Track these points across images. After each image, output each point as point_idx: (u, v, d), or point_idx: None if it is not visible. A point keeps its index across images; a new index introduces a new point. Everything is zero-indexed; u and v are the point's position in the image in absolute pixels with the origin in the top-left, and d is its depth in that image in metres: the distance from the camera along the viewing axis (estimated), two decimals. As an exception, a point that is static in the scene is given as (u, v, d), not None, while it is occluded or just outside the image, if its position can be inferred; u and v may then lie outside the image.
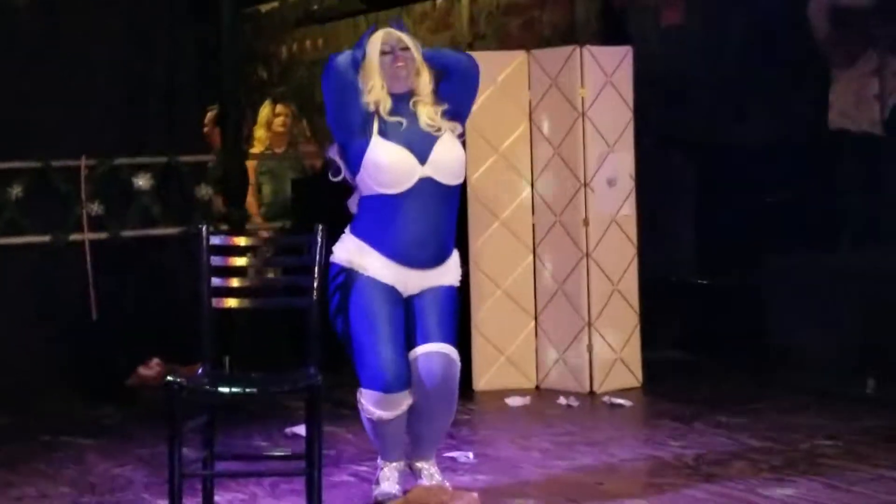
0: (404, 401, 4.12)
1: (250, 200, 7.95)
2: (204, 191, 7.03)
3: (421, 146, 4.16)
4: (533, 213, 6.46)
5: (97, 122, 6.83)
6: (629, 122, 6.41)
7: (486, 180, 6.46)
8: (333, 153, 4.29)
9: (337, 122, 4.23)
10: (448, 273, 4.29)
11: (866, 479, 4.42)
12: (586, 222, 6.26)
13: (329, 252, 4.23)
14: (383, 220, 4.16)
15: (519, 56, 6.55)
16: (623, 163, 6.38)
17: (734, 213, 6.93)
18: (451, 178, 4.22)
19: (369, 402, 4.13)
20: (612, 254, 6.32)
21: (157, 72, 7.04)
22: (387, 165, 4.12)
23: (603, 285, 6.30)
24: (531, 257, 6.47)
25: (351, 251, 4.22)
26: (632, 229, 6.41)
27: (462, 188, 6.38)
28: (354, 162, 4.19)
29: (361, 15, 10.70)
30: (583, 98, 6.25)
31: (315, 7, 10.90)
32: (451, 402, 4.26)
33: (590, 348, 6.26)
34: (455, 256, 4.36)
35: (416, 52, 4.24)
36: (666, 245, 7.23)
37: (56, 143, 6.70)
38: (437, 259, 4.24)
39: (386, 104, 4.18)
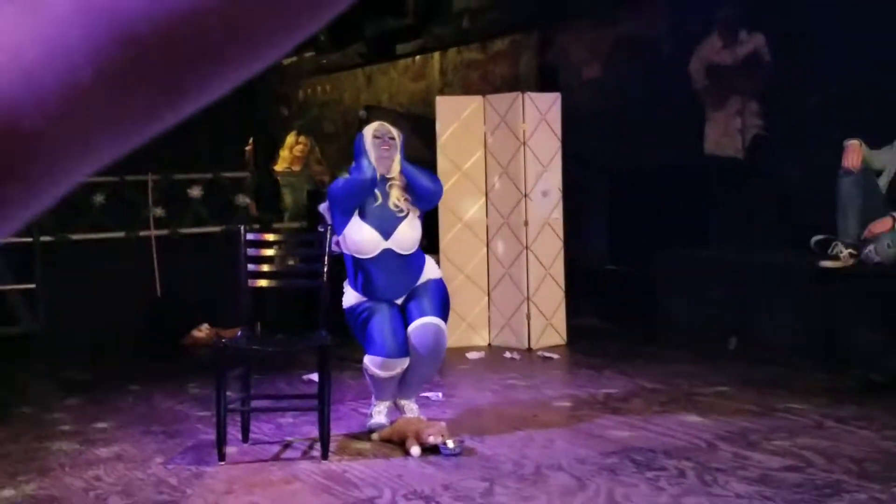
0: (400, 365, 4.16)
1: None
2: (241, 199, 7.07)
3: (387, 225, 4.18)
4: (487, 216, 6.52)
5: (161, 147, 6.82)
6: (558, 149, 6.48)
7: (452, 192, 6.47)
8: (324, 210, 4.32)
9: (343, 205, 4.19)
10: (427, 275, 4.29)
11: (729, 412, 4.50)
12: (526, 223, 6.33)
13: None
14: (363, 274, 4.21)
15: (477, 100, 6.61)
16: (553, 179, 6.45)
17: (635, 218, 7.01)
18: (407, 250, 4.22)
19: (373, 365, 4.16)
20: (546, 247, 6.39)
21: (206, 110, 7.04)
22: (358, 242, 4.17)
23: (538, 270, 6.37)
24: (485, 249, 6.54)
25: (351, 298, 4.27)
26: (560, 229, 6.47)
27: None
28: (338, 227, 4.22)
29: (359, 68, 10.74)
30: (524, 131, 6.32)
31: (324, 61, 10.92)
32: (437, 362, 4.32)
33: (528, 316, 6.33)
34: (428, 263, 4.34)
35: (398, 142, 4.25)
36: (585, 241, 7.29)
37: (129, 162, 6.66)
38: (411, 287, 4.25)
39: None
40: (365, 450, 4.10)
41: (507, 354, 6.15)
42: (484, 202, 6.52)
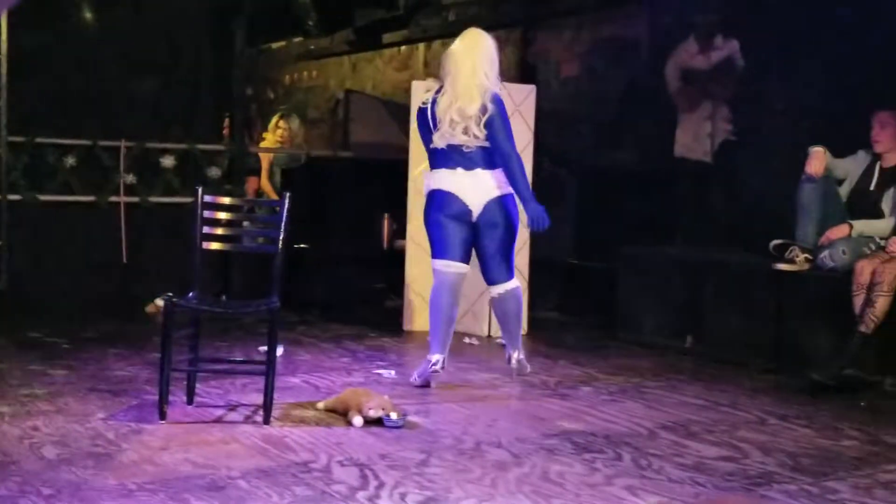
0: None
1: (265, 184, 7.88)
2: (213, 171, 6.97)
3: None
4: (455, 202, 6.43)
5: (137, 115, 6.77)
6: (530, 141, 6.38)
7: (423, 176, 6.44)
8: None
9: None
10: None
11: (675, 403, 4.47)
12: (494, 213, 6.25)
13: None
14: None
15: (452, 87, 6.53)
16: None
17: (601, 215, 6.95)
18: None
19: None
20: (510, 236, 6.32)
21: (184, 84, 6.98)
22: None
23: (502, 259, 6.30)
24: (451, 235, 6.44)
25: None
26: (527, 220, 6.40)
27: (405, 181, 6.44)
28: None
29: (346, 55, 10.66)
30: (496, 120, 6.25)
31: (312, 47, 10.83)
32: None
33: (490, 304, 6.25)
34: None
35: None
36: (550, 234, 7.19)
37: (104, 128, 6.63)
38: None
39: None
40: (308, 418, 4.03)
41: (467, 340, 6.08)
42: (453, 188, 6.42)
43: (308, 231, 7.00)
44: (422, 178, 6.39)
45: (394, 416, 3.90)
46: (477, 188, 4.64)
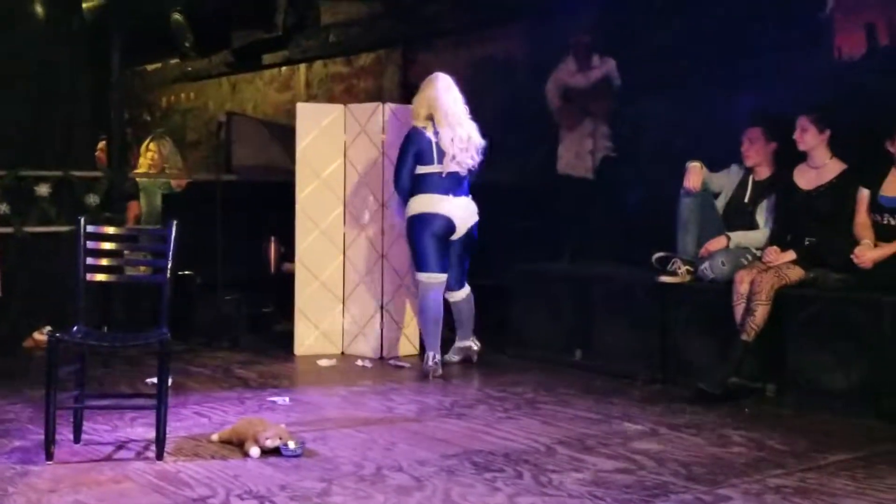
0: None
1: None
2: (92, 199, 6.71)
3: None
4: (344, 224, 6.39)
5: (8, 141, 6.46)
6: (416, 161, 6.42)
7: (310, 199, 6.38)
8: None
9: None
10: None
11: (569, 418, 4.54)
12: (383, 232, 6.26)
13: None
14: None
15: (338, 108, 6.50)
16: (410, 191, 6.38)
17: (490, 232, 6.99)
18: None
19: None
20: (401, 256, 6.28)
21: (60, 107, 6.68)
22: None
23: (394, 279, 6.29)
24: (342, 257, 6.40)
25: None
26: (415, 239, 6.41)
27: (292, 203, 6.37)
28: None
29: (225, 76, 10.48)
30: (383, 141, 6.25)
31: (189, 68, 10.61)
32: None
33: (382, 325, 6.24)
34: None
35: None
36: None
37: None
38: None
39: None
40: (203, 451, 3.92)
41: (360, 362, 6.04)
42: (342, 210, 6.39)
43: (192, 257, 6.82)
44: (307, 201, 6.36)
45: (291, 444, 3.83)
46: (466, 213, 5.61)
